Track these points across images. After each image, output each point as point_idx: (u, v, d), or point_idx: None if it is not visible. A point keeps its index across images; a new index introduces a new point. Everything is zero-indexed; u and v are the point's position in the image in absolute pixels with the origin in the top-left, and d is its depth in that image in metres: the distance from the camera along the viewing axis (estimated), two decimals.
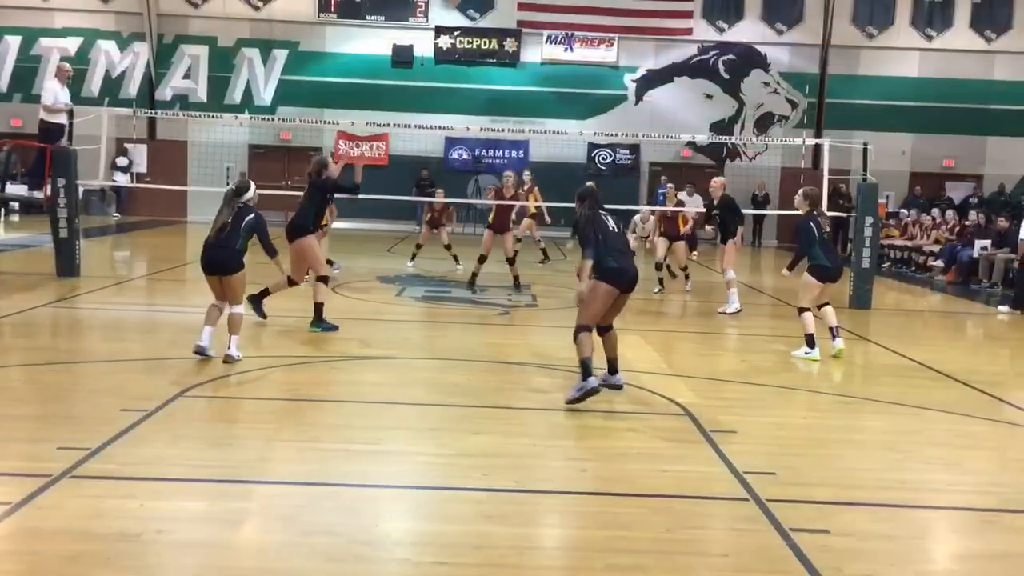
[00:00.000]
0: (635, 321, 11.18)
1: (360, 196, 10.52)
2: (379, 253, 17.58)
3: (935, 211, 20.77)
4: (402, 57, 26.07)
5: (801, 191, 9.36)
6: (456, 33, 26.14)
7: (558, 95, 26.22)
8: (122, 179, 24.26)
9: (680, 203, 14.72)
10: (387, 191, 18.84)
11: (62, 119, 13.26)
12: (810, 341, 9.01)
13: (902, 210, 23.23)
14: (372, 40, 26.08)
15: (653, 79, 26.61)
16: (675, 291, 14.15)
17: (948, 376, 8.66)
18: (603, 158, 26.53)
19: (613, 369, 7.28)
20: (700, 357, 9.35)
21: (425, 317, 11.45)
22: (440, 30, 26.06)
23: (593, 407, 6.81)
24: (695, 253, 21.27)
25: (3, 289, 11.77)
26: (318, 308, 9.60)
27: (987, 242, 16.74)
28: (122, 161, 24.90)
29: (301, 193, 13.02)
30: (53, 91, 13.28)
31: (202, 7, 25.98)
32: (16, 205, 19.46)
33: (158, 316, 10.86)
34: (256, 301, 9.74)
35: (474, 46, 26.26)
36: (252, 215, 8.14)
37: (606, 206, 7.35)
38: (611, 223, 7.10)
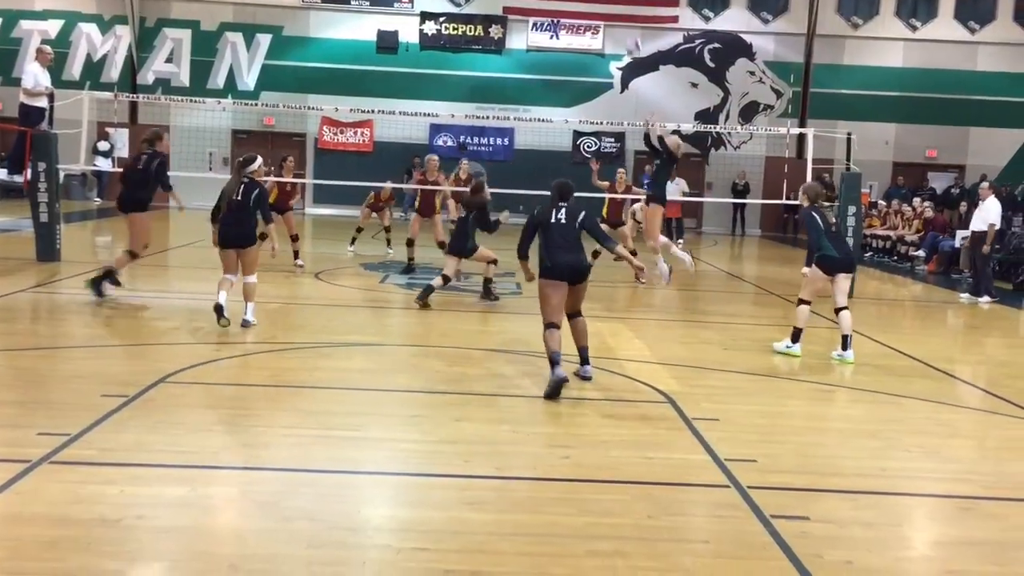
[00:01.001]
0: (618, 309, 11.21)
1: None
2: (363, 240, 17.48)
3: (916, 200, 20.90)
4: (387, 43, 25.95)
5: (801, 187, 9.22)
6: (441, 19, 26.03)
7: (543, 82, 26.17)
8: (103, 163, 24.01)
9: (629, 189, 14.59)
10: (372, 178, 18.76)
11: (42, 103, 13.11)
12: (795, 336, 8.74)
13: (880, 201, 23.36)
14: (357, 25, 25.94)
15: (639, 67, 26.60)
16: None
17: (928, 365, 8.72)
18: (588, 146, 26.52)
19: (583, 360, 7.31)
20: (683, 345, 9.38)
21: (408, 304, 11.40)
22: (425, 16, 25.95)
23: (576, 395, 6.83)
24: (680, 241, 21.35)
25: None
26: (110, 272, 10.01)
27: (968, 232, 16.85)
28: (103, 145, 24.67)
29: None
30: (33, 74, 13.13)
31: None
32: None
33: (139, 301, 10.78)
34: (97, 283, 9.97)
35: (459, 32, 26.16)
36: (258, 189, 8.97)
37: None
38: (557, 215, 7.36)
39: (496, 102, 25.50)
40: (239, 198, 8.80)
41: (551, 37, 26.31)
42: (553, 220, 7.33)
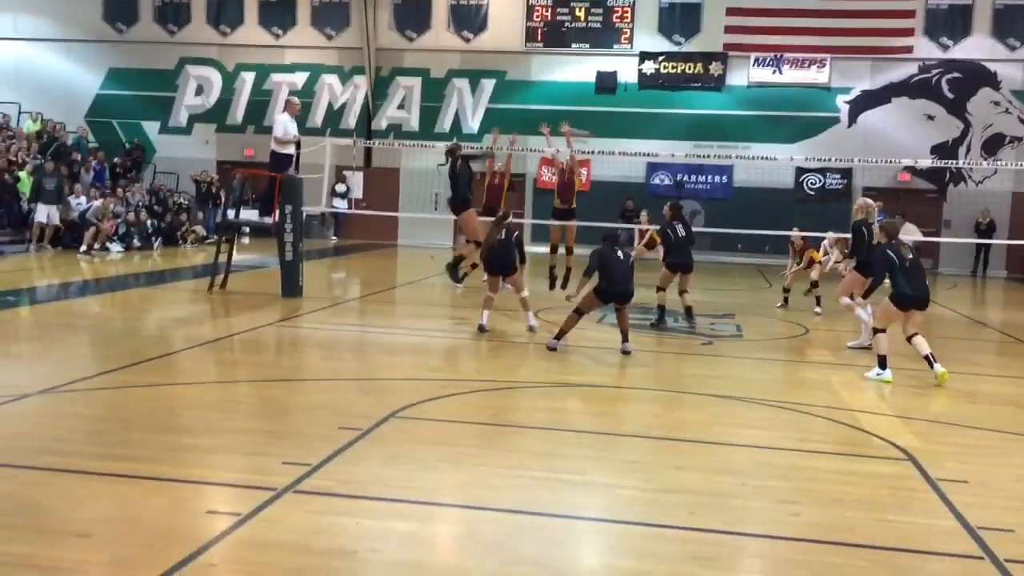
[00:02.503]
0: (848, 356, 10.63)
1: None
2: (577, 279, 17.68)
3: None
4: (606, 83, 26.23)
5: (879, 224, 9.93)
6: (660, 58, 26.02)
7: (765, 118, 25.53)
8: (340, 205, 25.69)
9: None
10: (588, 217, 18.92)
11: (290, 150, 14.16)
12: (882, 363, 9.06)
13: None
14: (576, 67, 26.40)
15: (869, 100, 25.40)
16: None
17: None
18: (812, 183, 25.56)
19: (625, 338, 10.10)
20: (922, 397, 8.72)
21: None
22: (645, 56, 26.02)
23: (807, 448, 6.51)
24: None
25: (235, 308, 12.71)
26: (459, 259, 13.03)
27: None
28: (340, 188, 26.39)
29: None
30: (283, 124, 14.21)
31: (417, 40, 27.23)
32: (247, 229, 21.00)
33: (370, 337, 11.37)
34: (452, 270, 13.02)
35: (678, 71, 26.05)
36: (517, 233, 11.41)
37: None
38: (618, 255, 10.07)
39: (715, 139, 25.11)
40: (503, 238, 11.22)
41: (774, 72, 25.65)
42: (616, 257, 10.05)
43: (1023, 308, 18.15)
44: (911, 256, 9.17)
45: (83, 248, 19.39)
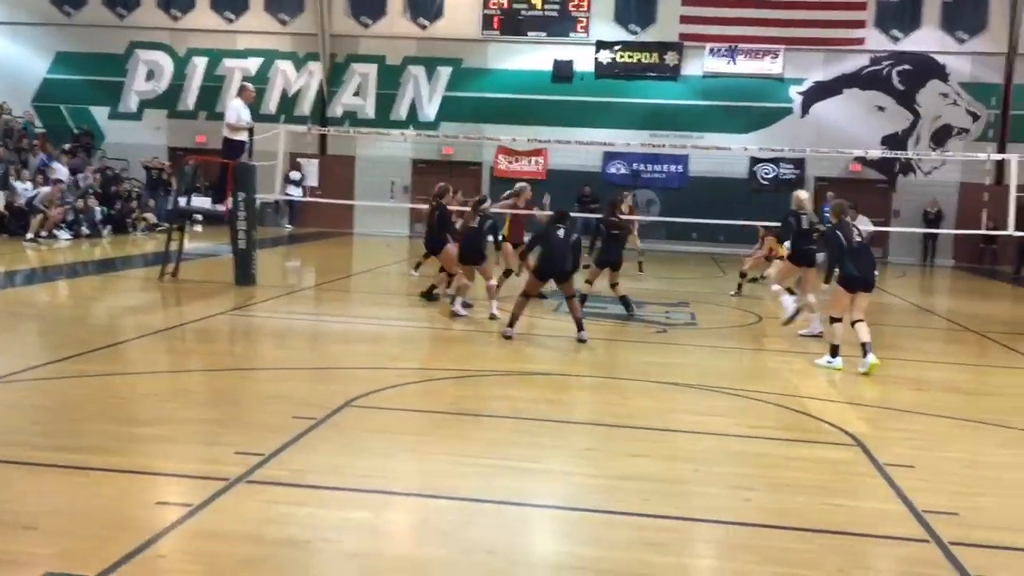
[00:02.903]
0: (799, 343, 10.78)
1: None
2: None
3: None
4: (562, 72, 26.23)
5: (831, 204, 10.09)
6: (617, 47, 26.08)
7: (719, 108, 25.73)
8: (295, 192, 25.41)
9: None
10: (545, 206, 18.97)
11: (243, 136, 13.94)
12: (834, 351, 9.22)
13: None
14: (533, 56, 26.36)
15: (821, 91, 25.72)
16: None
17: None
18: (765, 173, 25.84)
19: (579, 327, 10.16)
20: (870, 384, 8.88)
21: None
22: (601, 45, 26.07)
23: (757, 434, 6.59)
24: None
25: (188, 296, 12.54)
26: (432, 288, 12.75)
27: None
28: (295, 175, 26.11)
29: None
30: (236, 110, 13.96)
31: (372, 27, 26.97)
32: (200, 217, 20.68)
33: (325, 326, 11.28)
34: (427, 295, 12.65)
35: (635, 60, 26.13)
36: (490, 221, 11.47)
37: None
38: (559, 233, 10.10)
39: (671, 129, 25.27)
40: (475, 226, 11.31)
41: (728, 62, 25.84)
42: (556, 236, 10.06)
43: (969, 296, 18.53)
44: (859, 238, 9.29)
45: (30, 235, 18.98)
